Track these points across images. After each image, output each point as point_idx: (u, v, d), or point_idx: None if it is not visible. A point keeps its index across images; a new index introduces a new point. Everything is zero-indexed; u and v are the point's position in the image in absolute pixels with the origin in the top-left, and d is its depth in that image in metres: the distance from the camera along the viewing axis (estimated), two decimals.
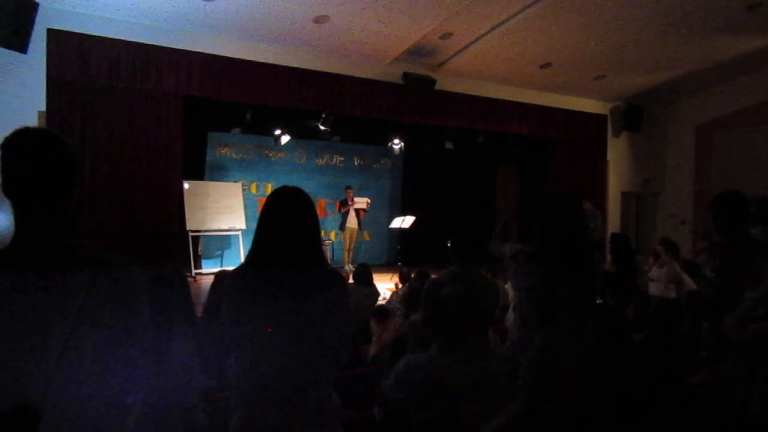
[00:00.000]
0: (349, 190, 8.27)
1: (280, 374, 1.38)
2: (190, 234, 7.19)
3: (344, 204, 8.29)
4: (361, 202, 8.29)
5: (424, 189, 9.73)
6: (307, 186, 8.38)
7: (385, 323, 3.46)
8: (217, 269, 7.55)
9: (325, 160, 9.57)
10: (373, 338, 3.47)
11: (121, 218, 5.65)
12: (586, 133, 9.04)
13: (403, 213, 8.60)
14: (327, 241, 8.62)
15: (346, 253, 8.26)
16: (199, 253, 7.88)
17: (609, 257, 4.21)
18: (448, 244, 2.36)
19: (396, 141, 8.66)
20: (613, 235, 4.35)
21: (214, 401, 2.01)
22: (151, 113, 5.91)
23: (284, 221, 1.45)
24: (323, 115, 7.31)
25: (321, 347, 1.42)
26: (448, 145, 8.81)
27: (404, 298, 3.99)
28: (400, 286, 5.48)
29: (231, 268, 1.42)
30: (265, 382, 1.38)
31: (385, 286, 6.71)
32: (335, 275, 1.50)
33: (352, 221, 8.26)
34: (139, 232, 5.69)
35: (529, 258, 2.00)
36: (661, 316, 2.72)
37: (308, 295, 1.41)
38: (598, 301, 2.08)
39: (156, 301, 1.24)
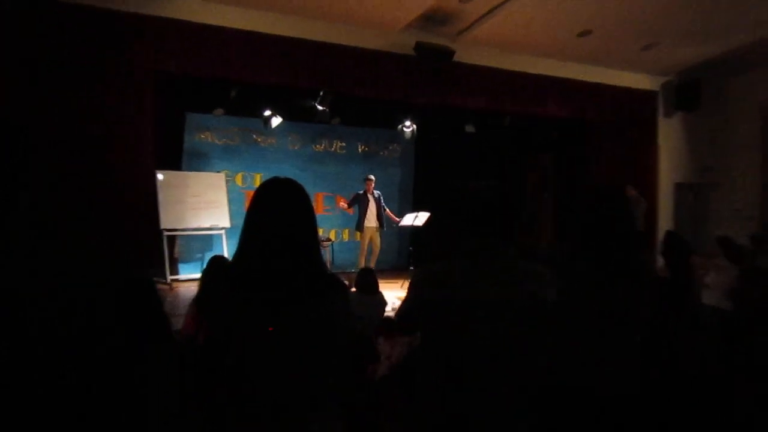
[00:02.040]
0: (370, 182, 8.26)
1: (268, 399, 1.39)
2: (165, 234, 7.23)
3: (358, 199, 8.31)
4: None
5: (440, 180, 9.77)
6: (303, 177, 8.48)
7: (394, 338, 3.46)
8: (197, 275, 7.64)
9: (323, 146, 9.64)
10: (381, 356, 3.47)
11: (79, 217, 5.60)
12: (632, 113, 8.98)
13: (416, 209, 8.71)
14: (326, 242, 8.70)
15: (362, 259, 8.30)
16: (176, 256, 7.94)
17: (660, 260, 4.19)
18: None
19: (407, 124, 8.73)
20: (668, 234, 4.32)
21: None
22: (116, 92, 5.94)
23: (275, 218, 1.47)
24: (321, 94, 7.31)
25: (318, 366, 1.44)
26: (469, 129, 8.83)
27: None
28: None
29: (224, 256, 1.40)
30: (251, 409, 1.39)
31: (394, 294, 6.69)
32: (334, 281, 1.53)
33: (371, 219, 8.28)
34: (102, 232, 5.69)
35: (568, 263, 1.99)
36: (716, 332, 2.71)
37: (302, 305, 1.43)
38: (647, 313, 2.07)
39: (121, 317, 1.26)
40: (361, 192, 8.35)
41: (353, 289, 4.55)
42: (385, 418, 2.62)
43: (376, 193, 8.37)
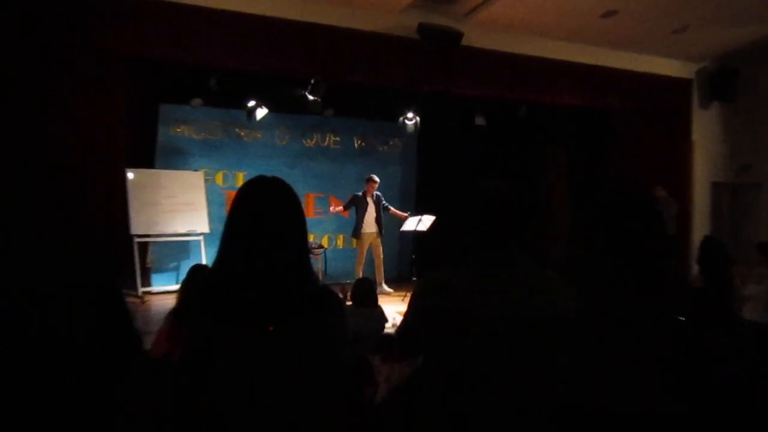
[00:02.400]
0: (372, 184, 8.37)
1: (251, 429, 1.39)
2: (136, 240, 7.24)
3: (356, 202, 8.36)
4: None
5: (446, 180, 9.77)
6: (291, 176, 8.69)
7: (394, 358, 3.46)
8: (173, 286, 7.65)
9: (314, 141, 9.68)
10: (380, 378, 3.48)
11: (41, 220, 5.59)
12: (662, 103, 9.01)
13: (419, 211, 8.75)
14: (317, 250, 8.76)
15: (360, 269, 8.35)
16: (148, 265, 7.95)
17: (695, 268, 4.19)
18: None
19: (409, 116, 8.77)
20: (704, 239, 4.33)
21: None
22: (82, 81, 5.95)
23: (260, 222, 1.49)
24: (312, 82, 7.33)
25: (309, 391, 1.44)
26: (479, 121, 8.86)
27: None
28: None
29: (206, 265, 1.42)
30: None
31: (395, 308, 6.72)
32: (326, 294, 1.54)
33: (370, 224, 8.36)
34: (62, 238, 5.63)
35: (588, 272, 1.99)
36: (757, 350, 2.70)
37: (290, 320, 1.44)
38: (679, 329, 2.07)
39: (82, 333, 1.26)
40: (360, 194, 8.42)
41: (349, 302, 4.59)
42: None
43: (375, 194, 8.46)
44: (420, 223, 8.18)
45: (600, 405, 1.68)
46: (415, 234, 8.34)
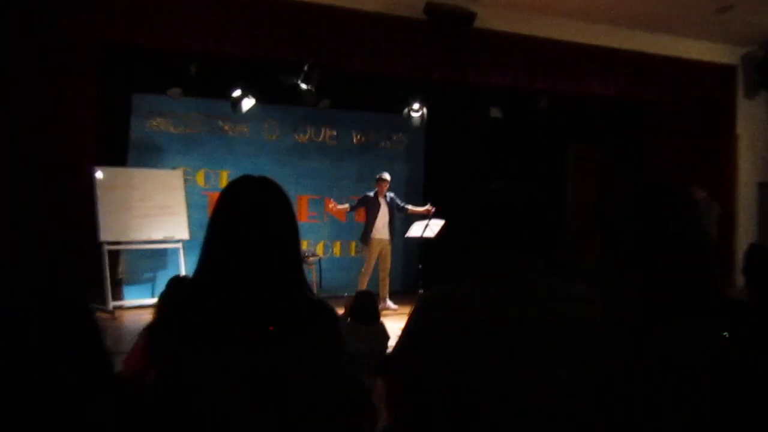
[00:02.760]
0: (383, 183, 8.34)
1: None
2: (106, 248, 7.25)
3: (366, 203, 8.39)
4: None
5: (457, 180, 9.77)
6: (282, 175, 8.57)
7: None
8: (148, 300, 7.66)
9: (308, 136, 9.70)
10: (380, 403, 3.48)
11: None
12: (703, 93, 9.00)
13: (426, 215, 8.63)
14: (311, 258, 8.76)
15: (365, 280, 8.35)
16: (120, 277, 7.97)
17: (741, 279, 4.18)
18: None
19: (415, 107, 8.78)
20: (750, 247, 4.33)
21: None
22: (48, 68, 5.96)
23: (247, 228, 1.49)
24: (306, 68, 7.33)
25: (301, 418, 1.44)
26: (495, 114, 8.95)
27: None
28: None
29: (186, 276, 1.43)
30: None
31: (398, 325, 6.69)
32: (321, 308, 1.54)
33: (381, 229, 8.36)
34: (23, 246, 5.64)
35: (618, 285, 1.98)
36: None
37: (281, 339, 1.44)
38: (723, 350, 2.06)
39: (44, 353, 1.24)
40: (371, 194, 8.42)
41: (348, 319, 4.61)
42: None
43: (388, 195, 8.44)
44: (427, 228, 8.17)
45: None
46: (422, 241, 8.32)
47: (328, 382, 1.49)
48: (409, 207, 8.60)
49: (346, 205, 8.53)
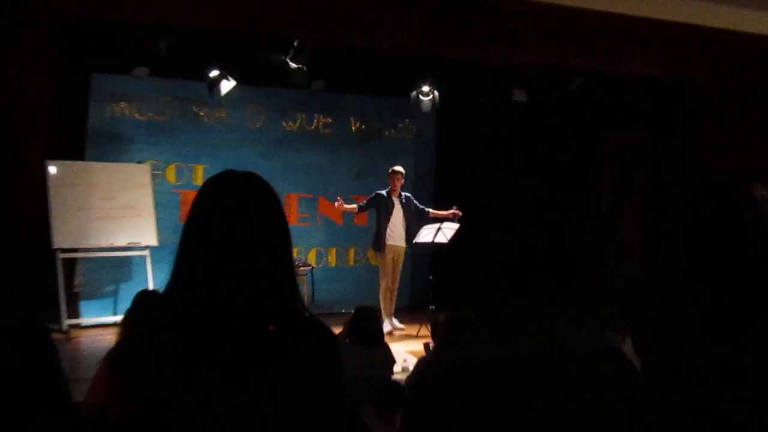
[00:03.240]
0: (397, 177, 8.38)
1: None
2: (60, 256, 7.23)
3: (377, 203, 8.42)
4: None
5: (474, 174, 9.68)
6: (268, 169, 8.67)
7: (397, 417, 3.49)
8: (109, 318, 7.66)
9: (298, 123, 9.69)
10: None
11: None
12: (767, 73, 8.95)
13: (438, 219, 8.65)
14: (302, 268, 8.74)
15: (386, 299, 8.40)
16: (76, 290, 7.94)
17: None
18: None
19: (425, 89, 8.78)
20: None
21: None
22: None
23: (229, 232, 1.49)
24: (296, 44, 7.27)
25: None
26: (519, 97, 8.94)
27: None
28: (432, 346, 5.59)
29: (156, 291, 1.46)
30: None
31: (405, 348, 6.83)
32: (315, 328, 1.55)
33: (397, 233, 8.41)
34: None
35: (667, 293, 1.98)
36: None
37: (268, 362, 1.44)
38: None
39: None
40: (384, 192, 8.46)
41: (346, 340, 4.64)
42: None
43: (404, 195, 8.48)
44: (439, 233, 8.14)
45: None
46: (434, 247, 8.30)
47: (324, 410, 1.49)
48: (431, 210, 8.65)
49: (354, 206, 8.57)
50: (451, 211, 8.42)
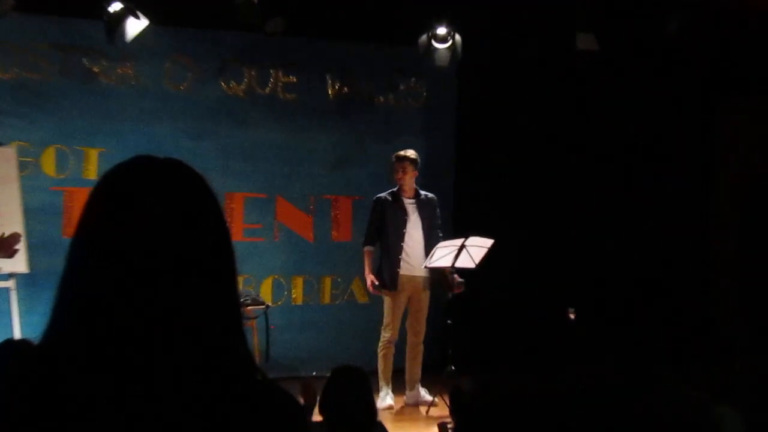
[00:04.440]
0: (406, 165, 8.43)
1: None
2: None
3: (382, 212, 8.54)
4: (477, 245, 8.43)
5: (514, 157, 9.84)
6: (198, 155, 8.83)
7: None
8: None
9: (245, 84, 9.85)
10: None
11: None
12: None
13: (460, 227, 8.98)
14: (251, 308, 8.97)
15: (388, 356, 8.57)
16: None
17: None
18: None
19: (440, 33, 8.97)
20: None
21: None
22: None
23: (140, 253, 1.47)
24: None
25: None
26: (584, 43, 8.96)
27: None
28: (450, 427, 5.71)
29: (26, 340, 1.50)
30: None
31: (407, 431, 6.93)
32: (273, 398, 1.57)
33: (412, 258, 8.52)
34: None
35: None
36: None
37: None
38: None
39: None
40: (388, 195, 8.57)
41: (316, 416, 4.74)
42: None
43: (423, 194, 8.62)
44: (462, 254, 8.30)
45: None
46: (451, 274, 8.42)
47: None
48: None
49: (371, 278, 8.51)
50: (488, 244, 8.44)
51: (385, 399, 8.09)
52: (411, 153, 8.44)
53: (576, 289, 9.34)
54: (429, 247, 8.36)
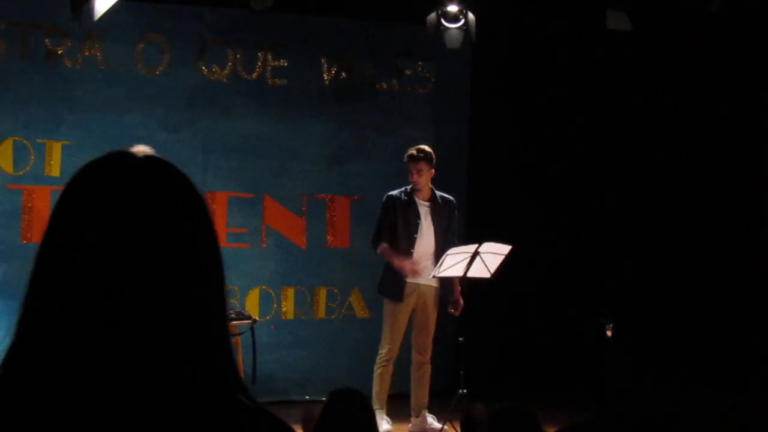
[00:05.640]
0: (419, 164, 8.36)
1: None
2: None
3: (391, 212, 8.52)
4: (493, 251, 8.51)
5: (538, 150, 9.74)
6: (176, 149, 8.89)
7: None
8: None
9: (229, 68, 9.90)
10: None
11: None
12: None
13: (474, 231, 9.07)
14: (236, 323, 8.85)
15: (385, 376, 8.61)
16: None
17: None
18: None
19: (452, 10, 9.08)
20: None
21: None
22: None
23: (116, 262, 1.44)
24: None
25: None
26: (615, 23, 9.00)
27: None
28: None
29: None
30: None
31: None
32: (263, 424, 1.53)
33: (423, 268, 8.47)
34: None
35: None
36: None
37: None
38: None
39: None
40: (400, 193, 8.53)
41: None
42: None
43: (439, 195, 8.55)
44: (475, 261, 8.37)
45: None
46: (467, 282, 8.52)
47: None
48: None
49: (409, 261, 8.40)
50: (506, 250, 8.47)
51: (381, 424, 7.79)
52: (426, 149, 8.40)
53: (612, 302, 9.11)
54: (441, 255, 8.35)
